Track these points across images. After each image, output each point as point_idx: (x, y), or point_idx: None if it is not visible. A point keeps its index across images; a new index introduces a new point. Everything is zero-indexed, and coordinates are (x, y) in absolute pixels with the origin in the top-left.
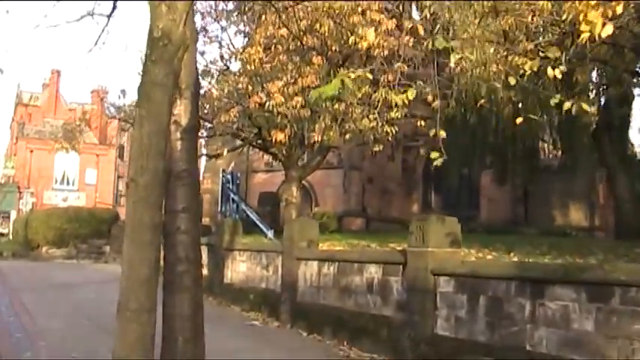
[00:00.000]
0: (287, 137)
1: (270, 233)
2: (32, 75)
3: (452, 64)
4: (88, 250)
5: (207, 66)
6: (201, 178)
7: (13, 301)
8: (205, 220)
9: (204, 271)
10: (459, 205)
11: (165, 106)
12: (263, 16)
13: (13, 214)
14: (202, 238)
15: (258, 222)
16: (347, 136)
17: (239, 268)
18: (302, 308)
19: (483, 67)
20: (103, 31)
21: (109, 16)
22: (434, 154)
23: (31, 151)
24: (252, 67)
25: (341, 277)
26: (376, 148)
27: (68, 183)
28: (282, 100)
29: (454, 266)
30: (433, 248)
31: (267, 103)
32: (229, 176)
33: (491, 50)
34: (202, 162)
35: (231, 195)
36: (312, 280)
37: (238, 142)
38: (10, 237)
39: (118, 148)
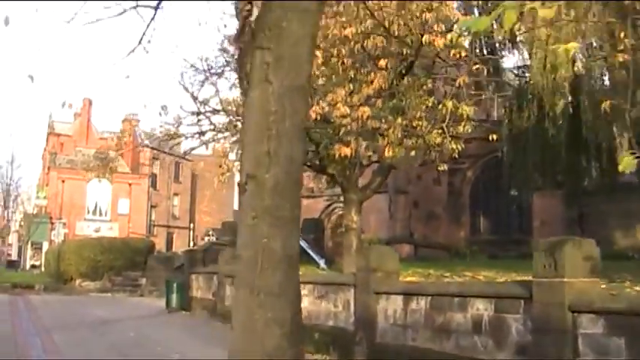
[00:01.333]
0: (353, 152)
1: (322, 263)
2: (64, 104)
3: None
4: (123, 282)
5: None
6: (236, 206)
7: (45, 343)
8: None
9: None
10: (509, 229)
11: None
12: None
13: (45, 246)
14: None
15: (309, 250)
16: (412, 153)
17: None
18: (383, 350)
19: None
20: (148, 26)
21: (155, 8)
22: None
23: (63, 181)
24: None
25: (435, 314)
26: (441, 168)
27: (101, 213)
28: (347, 110)
29: (602, 300)
30: (570, 278)
31: (328, 116)
32: None
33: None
34: None
35: None
36: (396, 318)
37: None
38: (42, 269)
39: (150, 176)
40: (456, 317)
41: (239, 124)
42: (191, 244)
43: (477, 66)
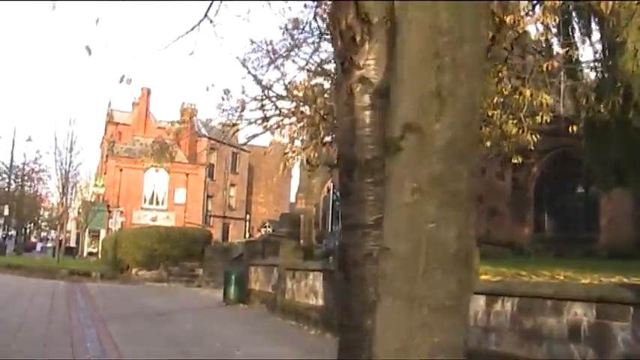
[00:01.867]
0: None
1: None
2: (122, 93)
3: None
4: (180, 272)
5: None
6: (293, 198)
7: (100, 335)
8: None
9: (319, 301)
10: (575, 227)
11: None
12: None
13: (103, 234)
14: (321, 263)
15: None
16: (488, 144)
17: None
18: None
19: None
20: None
21: None
22: None
23: (121, 170)
24: None
25: (523, 317)
26: (515, 160)
27: (157, 202)
28: None
29: None
30: None
31: None
32: (338, 193)
33: None
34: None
35: None
36: (478, 320)
37: None
38: (99, 257)
39: (207, 166)
40: (548, 322)
41: (307, 109)
42: (247, 235)
43: (568, 49)
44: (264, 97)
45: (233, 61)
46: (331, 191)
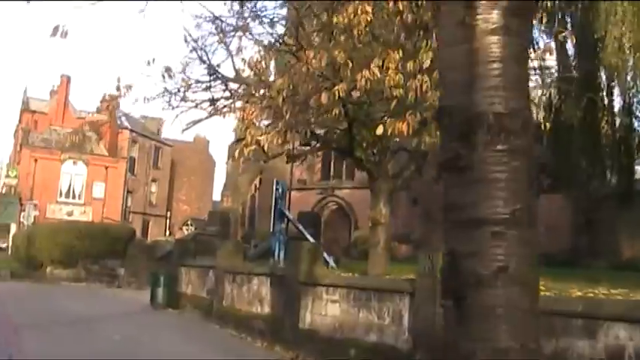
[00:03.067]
0: (411, 130)
1: (331, 261)
2: (40, 81)
3: None
4: (100, 271)
5: None
6: (219, 196)
7: (10, 346)
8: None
9: (265, 309)
10: None
11: None
12: None
13: (13, 228)
14: (258, 265)
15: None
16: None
17: (326, 311)
18: None
19: None
20: None
21: None
22: None
23: (36, 161)
24: (357, 32)
25: (543, 338)
26: None
27: (74, 196)
28: (401, 79)
29: None
30: None
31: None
32: (281, 190)
33: None
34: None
35: (287, 213)
36: None
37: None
38: (9, 253)
39: (128, 160)
40: (577, 346)
41: (267, 90)
42: (167, 232)
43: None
44: (211, 78)
45: (175, 42)
46: (274, 186)
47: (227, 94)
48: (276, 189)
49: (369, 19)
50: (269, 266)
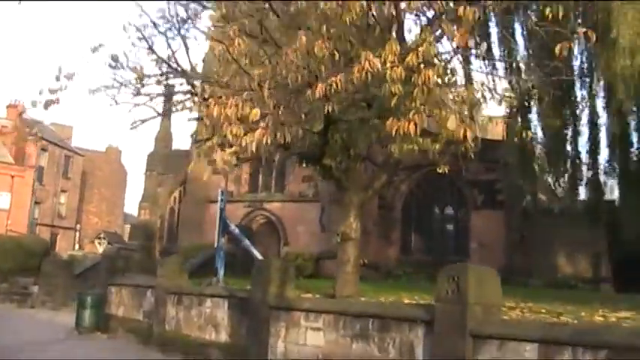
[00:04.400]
0: (417, 130)
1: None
2: None
3: None
4: (10, 290)
5: None
6: (131, 208)
7: None
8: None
9: (222, 336)
10: (445, 250)
11: None
12: None
13: None
14: (206, 285)
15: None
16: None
17: (306, 340)
18: None
19: None
20: None
21: None
22: None
23: None
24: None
25: None
26: (441, 170)
27: None
28: (402, 72)
29: None
30: None
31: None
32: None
33: None
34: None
35: (232, 227)
36: None
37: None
38: None
39: (36, 169)
40: None
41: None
42: (76, 246)
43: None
44: (166, 71)
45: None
46: (219, 196)
47: (184, 87)
48: (221, 199)
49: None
50: (225, 287)
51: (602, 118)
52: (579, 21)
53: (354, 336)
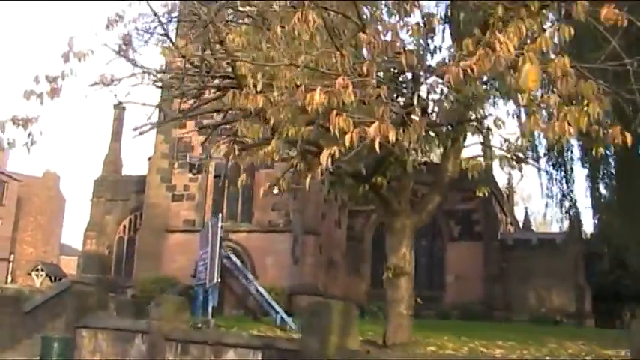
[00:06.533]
0: None
1: (290, 321)
2: None
3: None
4: None
5: None
6: (68, 238)
7: None
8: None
9: None
10: (419, 283)
11: None
12: None
13: None
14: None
15: (272, 303)
16: None
17: None
18: None
19: None
20: None
21: None
22: None
23: None
24: None
25: None
26: (480, 193)
27: None
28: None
29: None
30: None
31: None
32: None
33: None
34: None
35: (232, 256)
36: None
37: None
38: None
39: None
40: None
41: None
42: (8, 279)
43: None
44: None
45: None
46: (219, 222)
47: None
48: (220, 227)
49: None
50: (253, 334)
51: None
52: None
53: None
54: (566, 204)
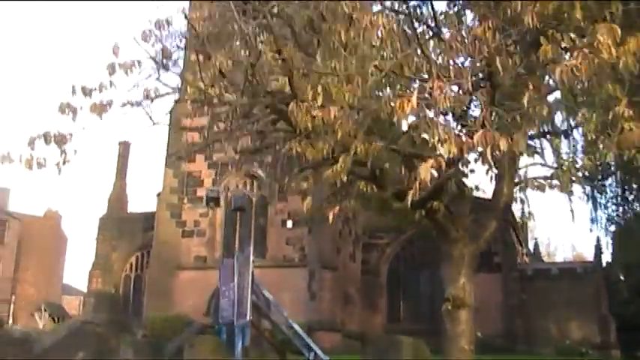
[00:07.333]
0: None
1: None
2: None
3: None
4: None
5: None
6: (70, 278)
7: None
8: None
9: None
10: (435, 317)
11: None
12: None
13: None
14: None
15: (308, 341)
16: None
17: None
18: None
19: None
20: None
21: None
22: None
23: None
24: None
25: None
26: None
27: None
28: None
29: None
30: None
31: None
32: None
33: None
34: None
35: (265, 292)
36: None
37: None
38: None
39: None
40: None
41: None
42: (10, 320)
43: None
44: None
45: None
46: (250, 257)
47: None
48: (252, 260)
49: None
50: None
51: None
52: None
53: None
54: (612, 228)
